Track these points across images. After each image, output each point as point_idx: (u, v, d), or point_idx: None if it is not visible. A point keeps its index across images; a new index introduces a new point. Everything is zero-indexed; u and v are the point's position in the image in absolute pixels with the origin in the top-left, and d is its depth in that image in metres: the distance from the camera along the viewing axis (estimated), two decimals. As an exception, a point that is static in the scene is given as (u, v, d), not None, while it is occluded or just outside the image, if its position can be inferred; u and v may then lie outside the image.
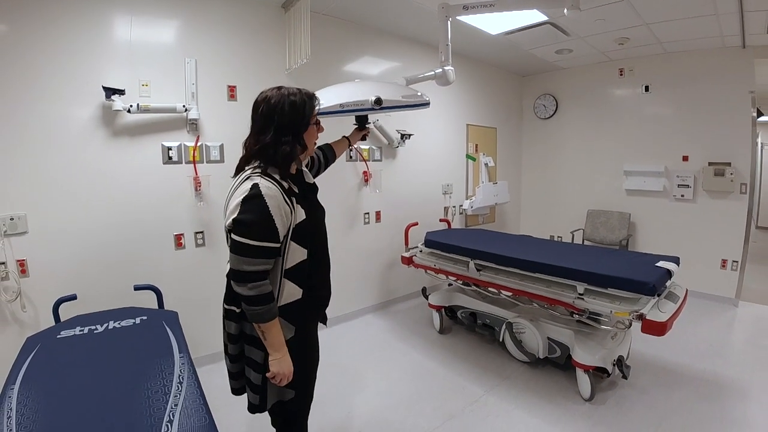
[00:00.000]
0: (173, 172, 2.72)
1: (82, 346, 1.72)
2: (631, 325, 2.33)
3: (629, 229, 4.68)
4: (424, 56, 4.10)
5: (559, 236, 5.22)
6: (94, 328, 1.86)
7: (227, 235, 1.34)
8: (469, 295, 3.30)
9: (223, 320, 1.46)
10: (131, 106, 2.44)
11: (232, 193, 1.35)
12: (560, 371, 2.77)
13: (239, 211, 1.25)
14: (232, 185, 1.38)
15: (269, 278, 1.30)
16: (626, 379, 2.60)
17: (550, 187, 5.60)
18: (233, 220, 1.25)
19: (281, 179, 1.34)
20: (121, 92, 2.40)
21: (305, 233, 1.37)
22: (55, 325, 1.98)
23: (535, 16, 3.39)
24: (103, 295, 2.41)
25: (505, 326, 2.91)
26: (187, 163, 2.76)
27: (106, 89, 2.35)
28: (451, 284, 3.52)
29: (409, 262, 3.55)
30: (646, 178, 4.57)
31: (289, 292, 1.37)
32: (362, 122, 2.09)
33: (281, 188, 1.30)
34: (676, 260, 2.55)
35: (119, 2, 2.45)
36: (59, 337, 1.78)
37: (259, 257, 1.25)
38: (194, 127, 2.77)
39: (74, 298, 2.16)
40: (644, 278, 2.22)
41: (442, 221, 4.31)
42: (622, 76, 4.72)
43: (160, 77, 2.62)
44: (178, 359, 1.57)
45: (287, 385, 1.42)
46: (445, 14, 2.56)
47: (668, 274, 2.40)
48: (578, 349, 2.47)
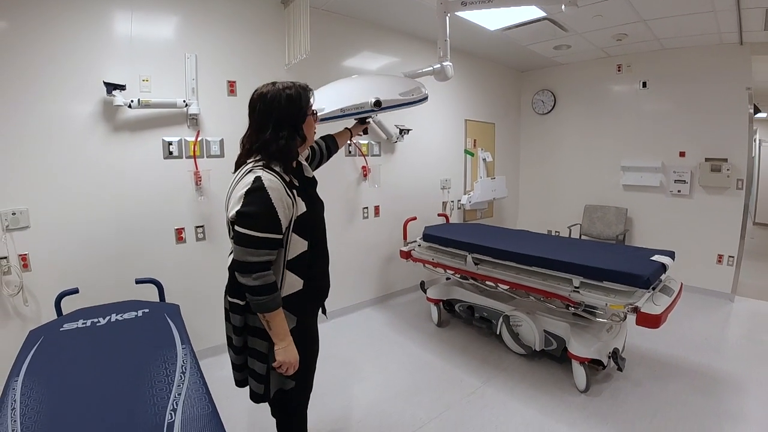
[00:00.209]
0: (174, 166, 2.73)
1: (84, 338, 1.72)
2: (626, 317, 2.36)
3: (626, 224, 4.71)
4: (423, 51, 4.10)
5: (556, 231, 5.24)
6: (96, 320, 1.87)
7: (229, 227, 1.35)
8: (466, 288, 3.33)
9: (226, 313, 1.48)
10: (132, 101, 2.44)
11: (234, 186, 1.36)
12: (556, 363, 2.80)
13: (242, 203, 1.27)
14: (233, 179, 1.39)
15: (272, 269, 1.32)
16: (621, 371, 2.63)
17: (547, 182, 5.61)
18: (237, 212, 1.27)
19: (284, 172, 1.35)
20: (121, 88, 2.41)
21: (306, 225, 1.39)
22: (57, 318, 1.98)
23: (533, 12, 3.39)
24: (104, 288, 2.43)
25: (502, 319, 2.94)
26: (187, 157, 2.77)
27: (106, 85, 2.36)
28: (449, 278, 3.54)
29: (407, 256, 3.57)
30: (643, 173, 4.59)
31: (290, 283, 1.39)
32: (363, 119, 2.12)
33: (283, 181, 1.32)
34: (671, 254, 2.57)
35: (119, -2, 2.46)
36: (62, 329, 1.78)
37: (262, 248, 1.27)
38: (194, 122, 2.78)
39: (76, 291, 2.16)
40: (639, 271, 2.24)
41: (440, 216, 4.33)
42: (619, 72, 4.72)
43: (160, 73, 2.62)
44: (180, 350, 1.59)
45: (289, 375, 1.45)
46: (443, 10, 2.57)
47: (663, 267, 2.42)
48: (574, 341, 2.50)
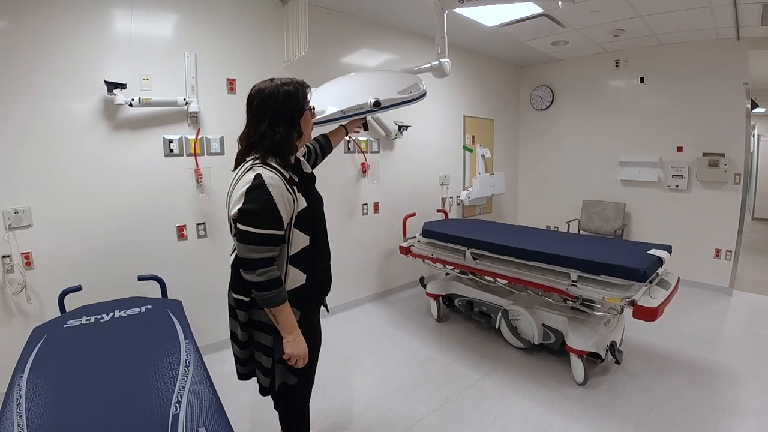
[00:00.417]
0: (175, 164, 2.75)
1: (89, 334, 1.74)
2: (623, 310, 2.39)
3: (624, 219, 4.73)
4: (421, 48, 4.11)
5: (555, 226, 5.26)
6: (100, 317, 1.89)
7: (231, 225, 1.38)
8: (465, 283, 3.35)
9: (231, 309, 1.51)
10: (132, 99, 2.46)
11: (234, 184, 1.38)
12: (555, 357, 2.83)
13: (244, 201, 1.29)
14: (233, 177, 1.41)
15: (276, 264, 1.34)
16: (619, 364, 2.65)
17: (546, 177, 5.62)
18: (238, 210, 1.29)
19: (282, 168, 1.37)
20: (122, 86, 2.42)
21: (307, 220, 1.41)
22: (61, 315, 2.00)
23: (530, 8, 3.38)
24: (107, 286, 2.45)
25: (501, 313, 2.96)
26: (188, 155, 2.79)
27: (107, 83, 2.37)
28: (448, 273, 3.57)
29: (407, 252, 3.59)
30: (641, 168, 4.60)
31: (294, 277, 1.42)
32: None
33: (283, 177, 1.34)
34: (668, 248, 2.59)
35: (119, -3, 2.47)
36: (66, 326, 1.80)
37: (265, 245, 1.29)
38: (195, 120, 2.79)
39: (79, 289, 2.18)
40: (635, 265, 2.26)
41: (439, 212, 4.35)
42: (617, 67, 4.73)
43: (160, 71, 2.64)
44: (184, 344, 1.61)
45: (290, 369, 1.47)
46: (441, 7, 2.56)
47: (659, 261, 2.44)
48: (572, 335, 2.52)
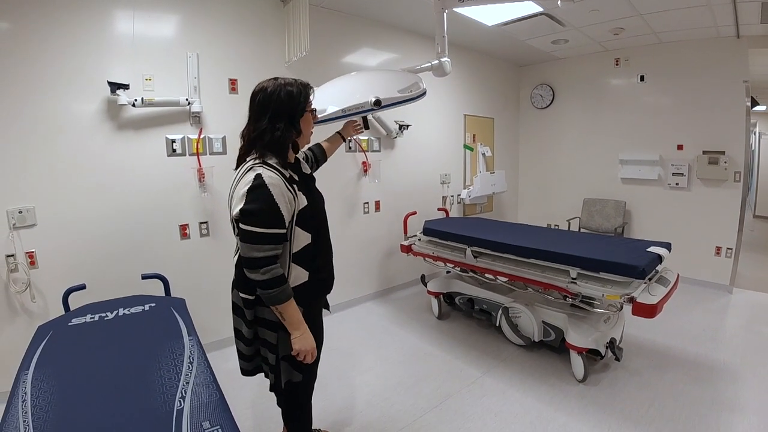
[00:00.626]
0: (177, 164, 2.77)
1: (93, 332, 1.76)
2: (622, 307, 2.40)
3: (624, 217, 4.74)
4: (421, 47, 4.12)
5: (556, 225, 5.27)
6: (104, 315, 1.91)
7: (234, 225, 1.40)
8: (466, 281, 3.37)
9: (235, 307, 1.53)
10: (135, 100, 2.48)
11: (236, 184, 1.40)
12: (555, 354, 2.84)
13: (245, 201, 1.31)
14: (235, 176, 1.43)
15: (279, 262, 1.36)
16: (619, 361, 2.67)
17: (547, 176, 5.63)
18: (240, 210, 1.31)
19: (282, 167, 1.39)
20: (125, 87, 2.44)
21: (308, 218, 1.43)
22: (65, 313, 2.01)
23: (530, 7, 3.40)
24: (111, 284, 2.47)
25: (501, 311, 2.97)
26: (190, 155, 2.81)
27: (110, 84, 2.39)
28: (449, 271, 3.58)
29: (408, 250, 3.60)
30: (641, 166, 4.61)
31: (296, 275, 1.44)
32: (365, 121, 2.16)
33: (283, 177, 1.36)
34: (667, 246, 2.60)
35: (121, -2, 2.49)
36: (70, 324, 1.81)
37: (267, 243, 1.31)
38: (197, 120, 2.81)
39: (83, 287, 2.20)
40: (634, 262, 2.27)
41: (440, 210, 4.36)
42: (617, 65, 4.73)
43: (163, 72, 2.66)
44: (187, 341, 1.63)
45: (294, 366, 1.49)
46: (441, 6, 2.58)
47: (659, 258, 2.45)
48: (572, 332, 2.54)
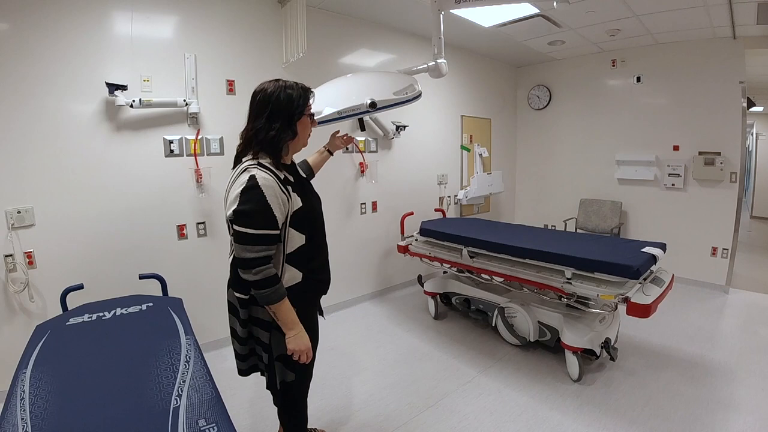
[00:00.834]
0: (175, 164, 2.78)
1: (91, 331, 1.77)
2: (616, 307, 2.42)
3: (621, 217, 4.75)
4: (418, 48, 4.14)
5: (552, 225, 5.28)
6: (102, 314, 1.92)
7: (229, 225, 1.42)
8: (463, 281, 3.38)
9: (230, 306, 1.55)
10: (133, 101, 2.49)
11: (231, 184, 1.42)
12: (550, 353, 2.86)
13: (239, 202, 1.32)
14: (230, 177, 1.45)
15: (272, 262, 1.38)
16: (614, 360, 2.69)
17: (544, 176, 5.65)
18: (233, 211, 1.33)
19: (276, 168, 1.41)
20: (123, 88, 2.46)
21: (302, 220, 1.45)
22: (63, 313, 2.03)
23: (526, 8, 3.42)
24: (108, 284, 2.49)
25: (497, 311, 2.99)
26: (188, 155, 2.82)
27: (108, 85, 2.40)
28: (445, 272, 3.60)
29: (404, 250, 3.62)
30: (637, 167, 4.63)
31: (290, 275, 1.46)
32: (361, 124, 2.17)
33: (277, 178, 1.38)
34: (662, 246, 2.61)
35: (120, -1, 2.51)
36: (68, 323, 1.83)
37: (260, 244, 1.32)
38: (195, 120, 2.83)
39: (81, 287, 2.21)
40: (628, 262, 2.29)
41: (437, 211, 4.37)
42: (614, 67, 4.75)
43: (160, 73, 2.67)
44: (184, 340, 1.65)
45: (287, 366, 1.51)
46: (437, 7, 2.59)
47: (653, 259, 2.46)
48: (567, 331, 2.55)
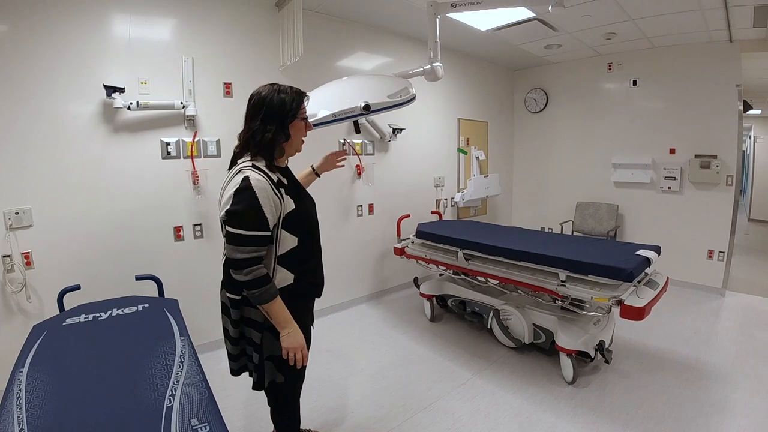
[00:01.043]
0: (172, 166, 2.80)
1: (87, 331, 1.78)
2: (610, 310, 2.43)
3: (617, 220, 4.77)
4: (415, 51, 4.16)
5: (549, 228, 5.28)
6: (98, 315, 1.93)
7: (222, 225, 1.43)
8: (458, 284, 3.39)
9: (223, 306, 1.56)
10: (131, 103, 2.51)
11: (225, 185, 1.44)
12: (545, 356, 2.87)
13: (231, 203, 1.34)
14: (226, 178, 1.47)
15: (264, 263, 1.39)
16: (608, 363, 2.68)
17: (540, 179, 5.67)
18: (226, 211, 1.35)
19: (270, 170, 1.43)
20: (121, 90, 2.47)
21: (295, 222, 1.47)
22: (60, 313, 2.04)
23: (523, 12, 3.44)
24: (105, 285, 2.50)
25: (492, 313, 3.00)
26: (185, 157, 2.84)
27: (106, 87, 2.42)
28: (442, 274, 3.60)
29: (401, 252, 3.63)
30: (633, 170, 4.65)
31: (282, 277, 1.47)
32: (356, 126, 2.20)
33: (270, 180, 1.40)
34: (656, 249, 2.62)
35: (118, 2, 2.52)
36: (65, 324, 1.84)
37: (250, 245, 1.34)
38: (192, 123, 2.84)
39: (78, 288, 2.22)
40: (622, 265, 2.30)
41: (433, 213, 4.37)
42: (610, 70, 4.78)
43: (158, 75, 2.69)
44: (179, 341, 1.66)
45: (278, 367, 1.52)
46: (433, 11, 2.61)
47: (647, 261, 2.47)
48: (561, 334, 2.56)
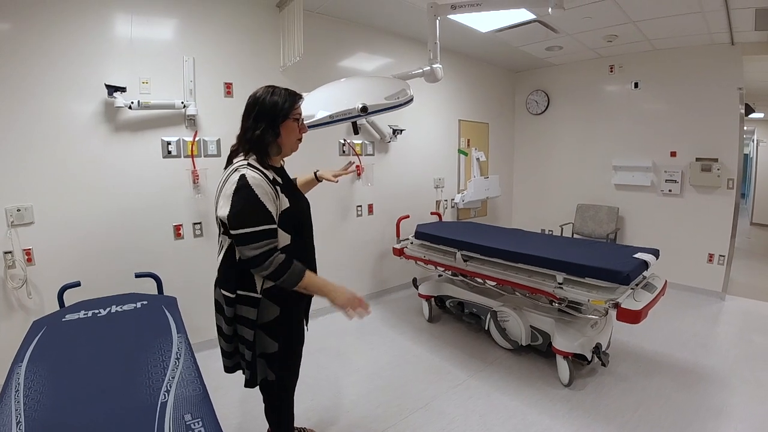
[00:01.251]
0: (172, 165, 2.82)
1: (86, 327, 1.80)
2: (607, 313, 2.43)
3: (617, 223, 4.76)
4: (415, 52, 4.16)
5: (549, 230, 5.28)
6: (97, 311, 1.95)
7: (218, 222, 1.46)
8: (457, 285, 3.40)
9: (217, 306, 1.58)
10: (132, 102, 2.53)
11: (222, 183, 1.46)
12: (542, 358, 2.87)
13: (231, 205, 1.37)
14: (222, 176, 1.50)
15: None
16: (605, 366, 2.68)
17: (541, 181, 5.66)
18: (228, 216, 1.37)
19: (264, 168, 1.45)
20: (122, 90, 2.49)
21: (289, 220, 1.49)
22: (60, 309, 2.06)
23: (523, 14, 3.44)
24: (105, 282, 2.52)
25: (490, 315, 3.00)
26: (185, 157, 2.86)
27: (108, 87, 2.44)
28: (440, 275, 3.61)
29: (400, 253, 3.64)
30: (634, 173, 4.64)
31: None
32: (355, 127, 2.22)
33: (265, 177, 1.43)
34: (655, 252, 2.62)
35: (120, 2, 2.54)
36: (64, 320, 1.86)
37: (261, 240, 1.37)
38: (192, 122, 2.86)
39: (78, 284, 2.24)
40: (618, 268, 2.30)
41: (433, 214, 4.38)
42: (612, 72, 4.77)
43: (159, 75, 2.71)
44: (176, 338, 1.68)
45: (269, 365, 1.54)
46: (434, 13, 2.62)
47: (644, 265, 2.47)
48: (558, 336, 2.56)
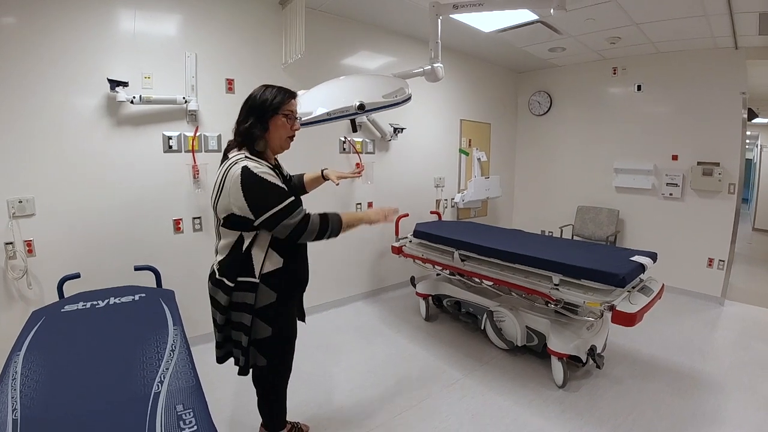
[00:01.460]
0: (173, 160, 2.84)
1: (84, 319, 1.83)
2: (602, 315, 2.43)
3: (617, 225, 4.76)
4: (417, 51, 4.15)
5: (549, 231, 5.27)
6: (95, 303, 1.97)
7: (215, 214, 1.51)
8: (454, 284, 3.41)
9: (212, 291, 1.61)
10: (134, 97, 2.55)
11: (222, 177, 1.49)
12: (537, 359, 2.87)
13: (246, 198, 1.41)
14: (220, 171, 1.53)
15: (259, 245, 1.49)
16: (600, 368, 2.70)
17: (542, 182, 5.65)
18: (250, 209, 1.42)
19: (258, 159, 1.50)
20: (124, 84, 2.52)
21: None
22: (59, 300, 2.09)
23: (526, 14, 3.44)
24: (105, 274, 2.54)
25: (486, 314, 3.01)
26: (186, 151, 2.88)
27: (110, 81, 2.46)
28: (438, 274, 3.62)
29: (398, 251, 3.65)
30: (635, 175, 4.63)
31: (272, 260, 1.53)
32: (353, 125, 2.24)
33: (267, 163, 1.49)
34: (652, 255, 2.61)
35: (124, -2, 2.56)
36: (63, 311, 1.89)
37: (290, 212, 1.44)
38: (193, 118, 2.88)
39: (78, 276, 2.27)
40: (614, 270, 2.29)
41: (432, 213, 4.39)
42: (615, 74, 4.75)
43: (161, 70, 2.73)
44: (172, 331, 1.69)
45: (262, 352, 1.57)
46: (435, 12, 2.62)
47: (641, 268, 2.46)
48: (553, 337, 2.57)
